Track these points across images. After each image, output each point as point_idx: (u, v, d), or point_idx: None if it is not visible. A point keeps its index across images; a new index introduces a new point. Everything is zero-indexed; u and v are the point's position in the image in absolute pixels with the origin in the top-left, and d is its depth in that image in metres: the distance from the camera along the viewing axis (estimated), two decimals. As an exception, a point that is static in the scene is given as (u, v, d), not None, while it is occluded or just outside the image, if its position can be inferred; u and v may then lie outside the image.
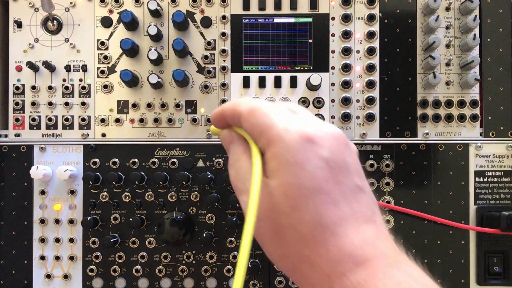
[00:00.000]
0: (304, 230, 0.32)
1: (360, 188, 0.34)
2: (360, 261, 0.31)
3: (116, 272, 0.53)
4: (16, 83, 0.54)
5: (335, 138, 0.33)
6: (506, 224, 0.50)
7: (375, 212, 0.34)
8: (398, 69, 0.54)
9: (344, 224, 0.32)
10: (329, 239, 0.31)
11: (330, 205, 0.32)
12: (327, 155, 0.32)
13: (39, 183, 0.53)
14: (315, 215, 0.32)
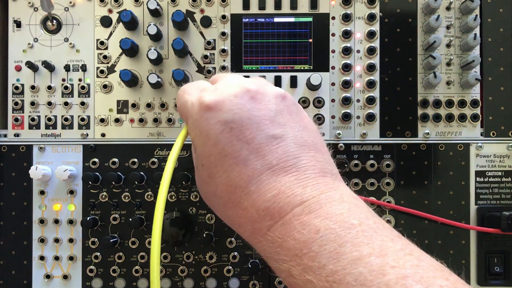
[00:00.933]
0: (222, 194, 0.34)
1: (276, 137, 0.33)
2: (278, 216, 0.31)
3: (116, 272, 0.53)
4: (16, 83, 0.54)
5: (236, 96, 0.34)
6: (507, 224, 0.49)
7: (298, 156, 0.33)
8: (399, 69, 0.54)
9: (256, 181, 0.32)
10: (244, 198, 0.32)
11: (238, 165, 0.32)
12: (226, 117, 0.33)
13: (39, 183, 0.53)
14: (226, 178, 0.33)
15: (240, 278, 0.53)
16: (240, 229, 0.34)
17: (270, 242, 0.31)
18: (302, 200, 0.31)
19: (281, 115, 0.34)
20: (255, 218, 0.32)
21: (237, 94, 0.34)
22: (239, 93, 0.34)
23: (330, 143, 0.53)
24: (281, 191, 0.31)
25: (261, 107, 0.34)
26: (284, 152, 0.33)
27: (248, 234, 0.33)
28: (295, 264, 0.29)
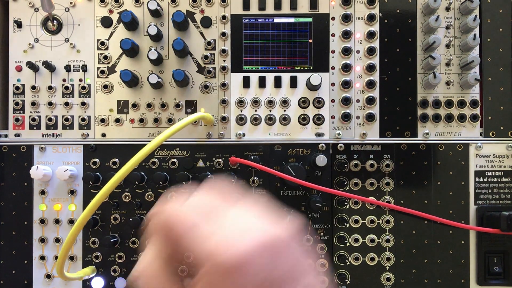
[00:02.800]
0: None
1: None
2: None
3: (116, 272, 0.53)
4: (16, 83, 0.54)
5: (261, 251, 0.29)
6: (506, 224, 0.50)
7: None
8: (398, 69, 0.54)
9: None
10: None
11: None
12: (258, 281, 0.28)
13: (39, 183, 0.53)
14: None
15: (240, 278, 0.53)
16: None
17: None
18: None
19: (298, 264, 0.31)
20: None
21: (263, 246, 0.29)
22: (263, 245, 0.29)
23: (330, 143, 0.53)
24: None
25: (283, 261, 0.30)
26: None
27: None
28: None
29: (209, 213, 0.31)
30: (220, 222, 0.30)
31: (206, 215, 0.31)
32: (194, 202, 0.32)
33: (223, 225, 0.30)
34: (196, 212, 0.31)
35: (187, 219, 0.30)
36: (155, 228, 0.32)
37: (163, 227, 0.31)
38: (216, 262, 0.28)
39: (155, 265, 0.33)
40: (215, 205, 0.32)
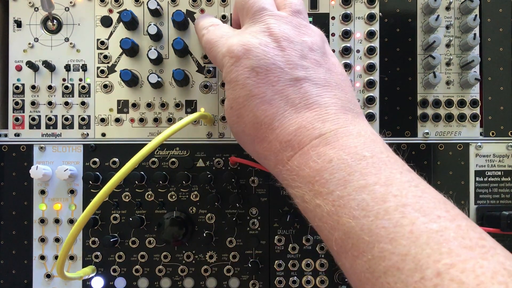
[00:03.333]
0: (249, 132, 0.38)
1: (299, 79, 0.37)
2: (297, 147, 0.34)
3: (116, 272, 0.53)
4: (16, 82, 0.54)
5: (261, 45, 0.37)
6: (506, 224, 0.50)
7: (320, 94, 0.36)
8: (398, 69, 0.54)
9: (279, 118, 0.36)
10: (269, 133, 0.36)
11: (263, 104, 0.36)
12: (252, 63, 0.37)
13: (39, 182, 0.53)
14: (252, 117, 0.37)
15: (240, 278, 0.53)
16: (266, 161, 0.38)
17: (289, 171, 0.35)
18: (321, 133, 0.34)
19: (305, 59, 0.38)
20: (278, 149, 0.35)
21: (263, 43, 0.37)
22: (264, 42, 0.37)
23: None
24: (302, 125, 0.35)
25: (286, 53, 0.37)
26: (306, 91, 0.36)
27: (272, 165, 0.37)
28: (308, 190, 0.33)
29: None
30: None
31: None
32: None
33: (242, 30, 0.41)
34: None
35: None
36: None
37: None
38: (230, 55, 0.39)
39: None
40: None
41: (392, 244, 0.28)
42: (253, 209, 0.53)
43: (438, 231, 0.28)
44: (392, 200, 0.29)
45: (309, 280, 0.53)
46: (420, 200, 0.30)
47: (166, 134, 0.40)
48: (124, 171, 0.38)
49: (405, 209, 0.29)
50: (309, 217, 0.35)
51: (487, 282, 0.25)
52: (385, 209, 0.29)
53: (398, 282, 0.27)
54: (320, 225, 0.32)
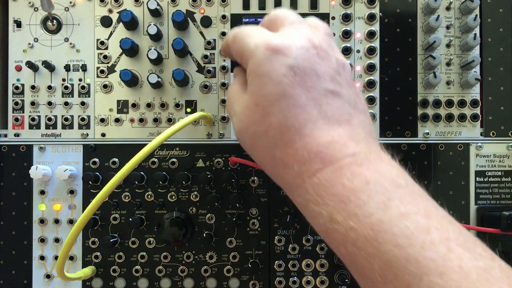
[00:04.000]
0: (274, 134, 0.34)
1: (334, 92, 0.35)
2: (329, 161, 0.32)
3: (116, 272, 0.53)
4: (16, 82, 0.54)
5: (303, 48, 0.35)
6: (507, 224, 0.49)
7: (351, 114, 0.35)
8: (399, 69, 0.54)
9: (311, 126, 0.33)
10: (296, 140, 0.33)
11: (296, 108, 0.34)
12: (292, 63, 0.34)
13: (39, 183, 0.53)
14: (281, 118, 0.34)
15: (240, 278, 0.53)
16: (285, 169, 0.34)
17: (315, 185, 0.32)
18: (354, 152, 0.32)
19: (339, 76, 0.36)
20: (305, 159, 0.33)
21: (304, 46, 0.35)
22: (305, 46, 0.35)
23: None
24: (335, 140, 0.33)
25: (324, 63, 0.35)
26: (339, 107, 0.34)
27: (293, 175, 0.34)
28: (340, 210, 0.30)
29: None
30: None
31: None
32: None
33: (280, 30, 0.37)
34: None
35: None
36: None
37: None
38: (267, 45, 0.35)
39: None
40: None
41: (443, 278, 0.26)
42: (253, 209, 0.53)
43: (485, 269, 0.27)
44: (435, 232, 0.28)
45: (309, 281, 0.53)
46: (460, 236, 0.29)
47: (166, 134, 0.39)
48: (124, 172, 0.37)
49: (450, 244, 0.27)
50: (336, 240, 0.31)
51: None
52: (431, 241, 0.27)
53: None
54: (354, 251, 0.29)
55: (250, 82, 0.36)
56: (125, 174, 0.37)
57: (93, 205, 0.37)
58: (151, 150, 0.38)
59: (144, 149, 0.38)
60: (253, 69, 0.36)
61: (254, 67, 0.36)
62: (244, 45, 0.37)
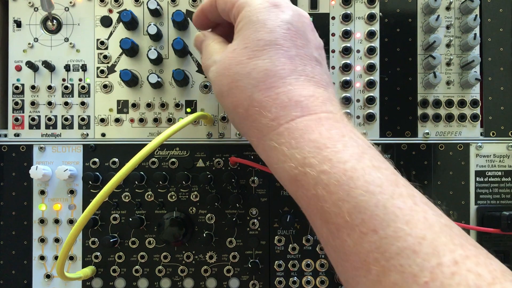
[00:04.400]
0: (258, 76, 0.35)
1: (318, 60, 0.37)
2: (308, 112, 0.33)
3: (116, 272, 0.53)
4: (16, 82, 0.54)
5: (298, 12, 0.38)
6: (507, 224, 0.49)
7: (328, 84, 0.37)
8: (399, 69, 0.54)
9: (296, 77, 0.35)
10: (279, 86, 0.35)
11: (285, 58, 0.35)
12: (288, 19, 0.36)
13: (39, 183, 0.53)
14: (269, 63, 0.35)
15: (240, 278, 0.53)
16: (262, 111, 0.35)
17: (292, 130, 0.33)
18: (332, 111, 0.34)
19: (321, 51, 0.39)
20: (285, 104, 0.34)
21: (300, 13, 0.38)
22: (301, 13, 0.38)
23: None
24: (316, 96, 0.35)
25: (312, 34, 0.39)
26: (320, 73, 0.37)
27: (269, 118, 0.34)
28: (316, 154, 0.31)
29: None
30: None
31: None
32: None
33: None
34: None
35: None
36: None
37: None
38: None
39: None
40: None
41: (409, 225, 0.27)
42: (253, 209, 0.53)
43: (447, 225, 0.28)
44: (403, 187, 0.30)
45: (309, 281, 0.53)
46: (423, 197, 0.30)
47: (166, 134, 0.39)
48: (124, 172, 0.37)
49: (415, 199, 0.29)
50: (306, 184, 0.31)
51: (501, 278, 0.25)
52: (399, 193, 0.29)
53: (413, 265, 0.26)
54: (323, 195, 0.30)
55: (241, 28, 0.38)
56: (125, 174, 0.37)
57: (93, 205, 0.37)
58: (151, 150, 0.38)
59: (144, 149, 0.38)
60: (248, 15, 0.37)
61: (249, 14, 0.37)
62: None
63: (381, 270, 0.27)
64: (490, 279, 0.25)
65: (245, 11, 0.37)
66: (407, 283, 0.26)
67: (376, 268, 0.27)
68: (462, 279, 0.25)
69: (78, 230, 0.37)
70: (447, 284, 0.25)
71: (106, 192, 0.37)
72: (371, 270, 0.27)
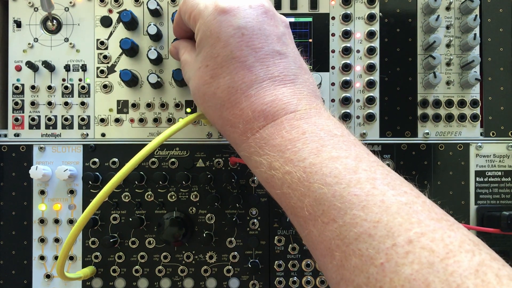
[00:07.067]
0: (222, 95, 0.36)
1: (280, 53, 0.37)
2: (270, 118, 0.35)
3: (116, 272, 0.53)
4: (16, 83, 0.54)
5: (251, 8, 0.36)
6: (507, 224, 0.49)
7: (297, 74, 0.37)
8: (399, 69, 0.54)
9: (257, 86, 0.35)
10: (242, 101, 0.35)
11: (243, 70, 0.35)
12: (240, 23, 0.35)
13: (39, 183, 0.53)
14: (229, 80, 0.36)
15: (240, 278, 0.53)
16: (232, 128, 0.37)
17: (258, 139, 0.35)
18: (296, 109, 0.35)
19: (285, 37, 0.38)
20: (250, 118, 0.35)
21: (252, 6, 0.37)
22: (254, 4, 0.37)
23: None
24: (279, 98, 0.35)
25: (272, 23, 0.37)
26: (285, 68, 0.36)
27: (238, 132, 0.36)
28: (278, 158, 0.33)
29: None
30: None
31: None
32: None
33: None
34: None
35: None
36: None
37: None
38: (216, 6, 0.36)
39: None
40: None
41: (364, 211, 0.28)
42: (253, 210, 0.53)
43: (406, 203, 0.29)
44: (363, 172, 0.30)
45: (309, 281, 0.53)
46: (387, 177, 0.31)
47: (166, 134, 0.39)
48: (124, 172, 0.37)
49: (375, 182, 0.30)
50: (274, 185, 0.34)
51: (456, 251, 0.26)
52: (357, 179, 0.30)
53: (369, 248, 0.27)
54: (289, 193, 0.32)
55: (199, 43, 0.38)
56: (125, 174, 0.37)
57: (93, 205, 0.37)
58: (151, 150, 0.39)
59: (144, 149, 0.38)
60: (203, 29, 0.37)
61: (203, 28, 0.37)
62: (193, 5, 0.38)
63: (343, 256, 0.28)
64: (443, 254, 0.26)
65: (199, 24, 0.37)
66: (366, 265, 0.27)
67: (338, 253, 0.29)
68: (416, 257, 0.26)
69: (78, 230, 0.37)
70: (401, 263, 0.26)
71: (106, 192, 0.37)
72: (334, 256, 0.29)
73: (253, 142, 0.35)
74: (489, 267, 0.26)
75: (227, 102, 0.36)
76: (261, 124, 0.35)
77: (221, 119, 0.37)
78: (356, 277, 0.27)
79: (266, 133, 0.34)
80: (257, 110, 0.35)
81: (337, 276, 0.29)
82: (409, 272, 0.25)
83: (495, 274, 0.25)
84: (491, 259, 0.27)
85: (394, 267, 0.26)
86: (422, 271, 0.25)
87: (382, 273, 0.26)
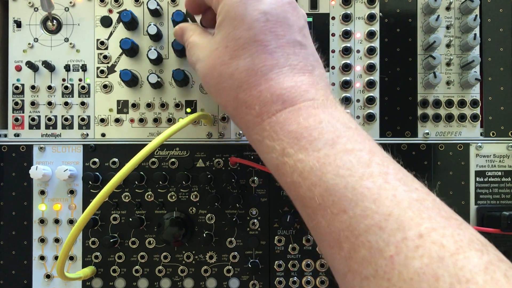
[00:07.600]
0: (240, 76, 0.36)
1: (301, 44, 0.37)
2: (288, 103, 0.35)
3: (116, 272, 0.53)
4: (16, 83, 0.54)
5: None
6: (507, 224, 0.49)
7: (314, 66, 0.37)
8: (399, 69, 0.54)
9: (277, 71, 0.36)
10: (261, 83, 0.35)
11: (265, 54, 0.36)
12: (266, 9, 0.36)
13: (39, 183, 0.53)
14: (250, 62, 0.36)
15: (240, 278, 0.53)
16: (247, 109, 0.36)
17: (273, 123, 0.34)
18: (314, 98, 0.35)
19: (305, 29, 0.39)
20: (268, 100, 0.35)
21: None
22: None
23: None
24: (298, 85, 0.35)
25: (295, 14, 0.38)
26: (304, 58, 0.37)
27: (253, 115, 0.36)
28: (293, 144, 0.33)
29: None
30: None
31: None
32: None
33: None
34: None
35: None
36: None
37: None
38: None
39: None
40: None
41: (376, 204, 0.28)
42: (253, 210, 0.53)
43: (417, 199, 0.29)
44: (376, 166, 0.31)
45: (309, 281, 0.53)
46: (399, 172, 0.31)
47: (166, 134, 0.39)
48: (124, 172, 0.37)
49: (388, 177, 0.30)
50: (285, 172, 0.33)
51: (465, 248, 0.26)
52: (370, 173, 0.30)
53: (379, 241, 0.27)
54: (299, 181, 0.32)
55: (221, 23, 0.38)
56: (125, 174, 0.37)
57: (93, 205, 0.37)
58: (151, 150, 0.38)
59: (144, 149, 0.38)
60: (227, 10, 0.37)
61: (227, 8, 0.37)
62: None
63: (352, 247, 0.28)
64: (453, 249, 0.26)
65: (224, 4, 0.37)
66: (375, 257, 0.27)
67: (347, 245, 0.29)
68: (426, 251, 0.26)
69: (78, 230, 0.37)
70: (411, 256, 0.26)
71: (106, 192, 0.37)
72: (343, 247, 0.29)
73: (268, 126, 0.35)
74: (497, 267, 0.26)
75: (244, 83, 0.36)
76: (279, 107, 0.34)
77: (236, 100, 0.37)
78: (364, 269, 0.28)
79: (282, 117, 0.34)
80: (275, 94, 0.35)
81: (344, 267, 0.29)
82: (418, 265, 0.25)
83: (503, 274, 0.25)
84: (498, 260, 0.27)
85: (404, 260, 0.26)
86: (432, 265, 0.25)
87: (391, 265, 0.26)
